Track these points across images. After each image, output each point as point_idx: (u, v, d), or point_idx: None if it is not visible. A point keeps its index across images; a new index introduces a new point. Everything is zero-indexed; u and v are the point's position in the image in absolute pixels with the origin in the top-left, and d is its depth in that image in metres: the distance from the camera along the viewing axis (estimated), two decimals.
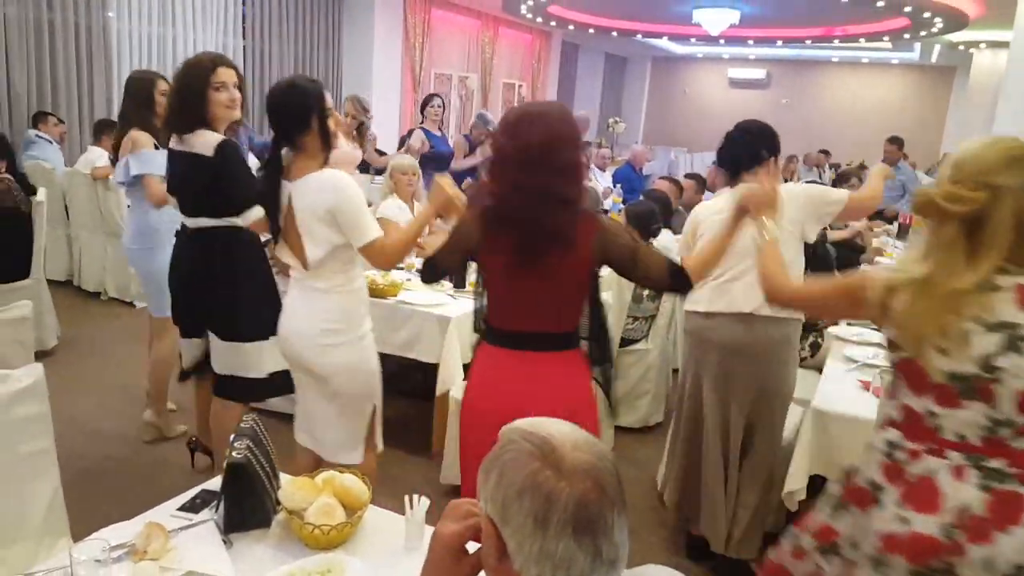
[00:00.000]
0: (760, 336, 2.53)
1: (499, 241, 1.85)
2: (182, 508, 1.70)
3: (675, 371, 3.90)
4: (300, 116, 2.21)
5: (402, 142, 6.32)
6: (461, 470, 2.11)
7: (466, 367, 3.20)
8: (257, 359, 2.72)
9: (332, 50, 9.06)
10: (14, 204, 3.83)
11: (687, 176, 6.02)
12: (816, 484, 2.39)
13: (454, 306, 3.40)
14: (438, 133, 5.93)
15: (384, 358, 2.81)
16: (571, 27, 11.52)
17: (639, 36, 12.37)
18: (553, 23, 11.20)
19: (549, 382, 1.90)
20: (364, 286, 2.38)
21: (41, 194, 4.28)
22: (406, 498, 1.56)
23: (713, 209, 2.65)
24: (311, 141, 2.24)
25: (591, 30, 11.52)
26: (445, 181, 2.27)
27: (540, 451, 0.90)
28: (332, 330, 2.27)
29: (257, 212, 2.47)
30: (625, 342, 3.80)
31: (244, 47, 7.98)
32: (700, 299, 2.63)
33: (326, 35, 8.91)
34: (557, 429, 0.93)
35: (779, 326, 2.55)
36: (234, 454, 1.59)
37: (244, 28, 7.96)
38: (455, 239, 1.96)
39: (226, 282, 2.68)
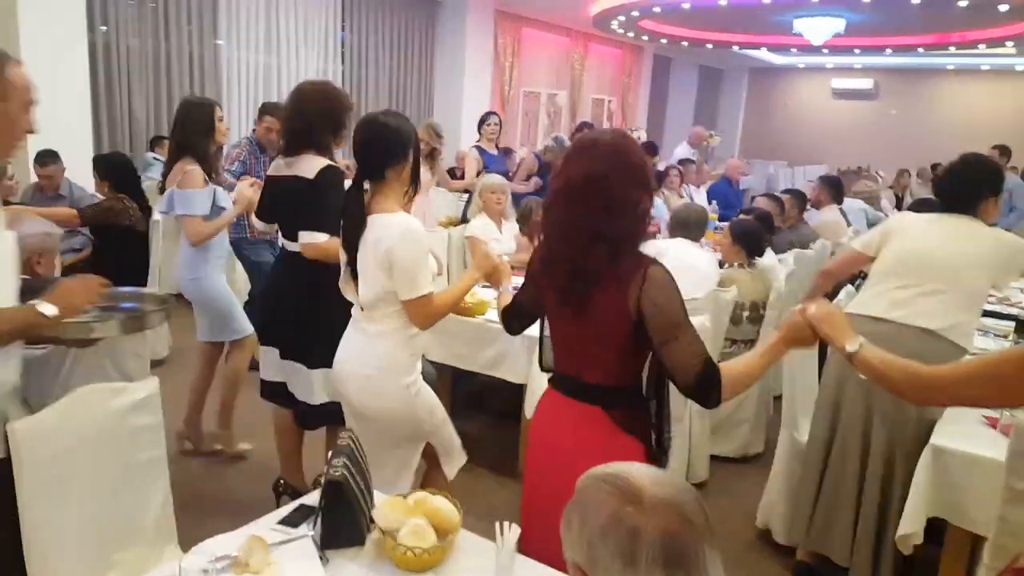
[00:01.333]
0: (935, 354, 2.29)
1: (547, 279, 1.77)
2: (282, 522, 1.75)
3: (777, 399, 3.75)
4: (393, 151, 2.17)
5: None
6: (522, 504, 1.91)
7: None
8: (313, 386, 2.72)
9: (425, 74, 9.29)
10: (130, 223, 4.09)
11: (785, 192, 5.81)
12: (934, 528, 2.25)
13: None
14: (494, 151, 5.91)
15: (471, 376, 2.85)
16: (663, 40, 11.38)
17: (736, 48, 12.09)
18: (645, 37, 11.10)
19: (596, 441, 1.70)
20: (419, 336, 2.27)
21: (155, 212, 4.56)
22: (496, 525, 1.55)
23: (918, 226, 2.62)
24: (398, 177, 2.20)
25: (684, 43, 11.35)
26: (488, 248, 2.27)
27: (618, 490, 0.89)
28: (377, 375, 2.23)
29: (315, 237, 2.53)
30: None
31: (343, 72, 8.28)
32: (871, 304, 2.56)
33: (419, 59, 9.14)
34: (635, 468, 0.93)
35: (955, 351, 2.43)
36: (332, 471, 1.63)
37: (343, 54, 8.26)
38: (526, 279, 1.91)
39: (307, 306, 2.69)
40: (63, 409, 1.72)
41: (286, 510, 1.80)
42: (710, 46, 11.56)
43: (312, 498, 1.81)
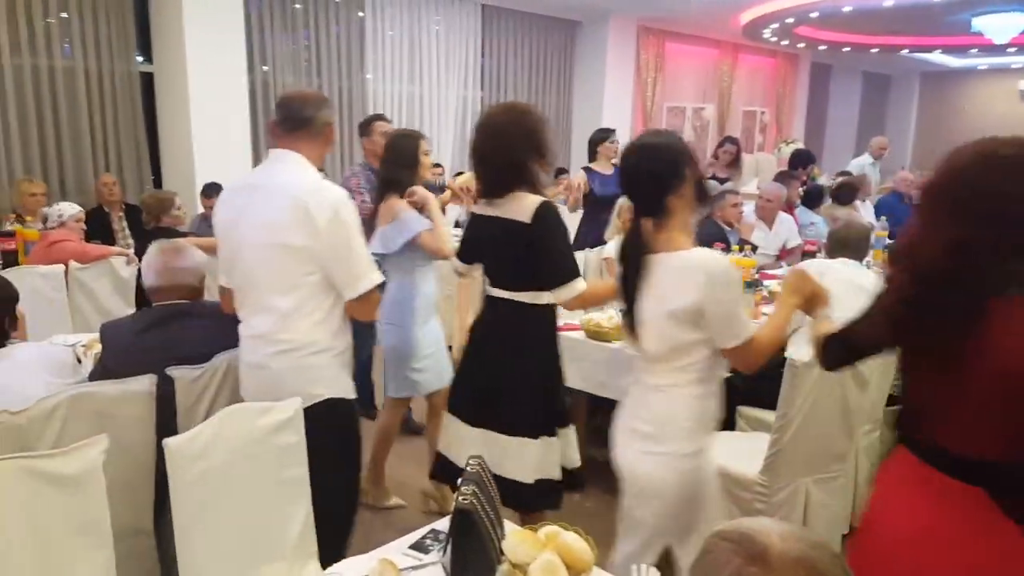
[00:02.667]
0: None
1: (912, 313, 1.44)
2: (413, 547, 1.75)
3: None
4: (669, 177, 1.83)
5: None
6: None
7: None
8: (520, 459, 2.34)
9: (563, 95, 9.32)
10: None
11: None
12: None
13: None
14: (609, 171, 5.05)
15: (611, 404, 2.68)
16: (822, 47, 10.76)
17: (905, 51, 11.21)
18: (801, 44, 10.54)
19: (966, 532, 1.36)
20: (710, 399, 1.91)
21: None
22: (633, 568, 1.45)
23: None
24: (683, 203, 1.86)
25: (846, 48, 10.66)
26: (807, 270, 1.91)
27: (741, 547, 0.81)
28: (647, 434, 1.89)
29: (579, 286, 2.23)
30: (893, 399, 3.33)
31: (481, 98, 8.48)
32: None
33: (558, 80, 9.19)
34: (761, 524, 0.84)
35: None
36: (460, 499, 1.60)
37: (482, 80, 8.46)
38: (873, 308, 1.56)
39: (508, 363, 2.35)
40: (213, 427, 1.80)
41: (417, 535, 1.80)
42: (875, 50, 10.77)
43: (443, 524, 1.79)
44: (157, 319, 2.29)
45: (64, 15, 5.52)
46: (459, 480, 1.68)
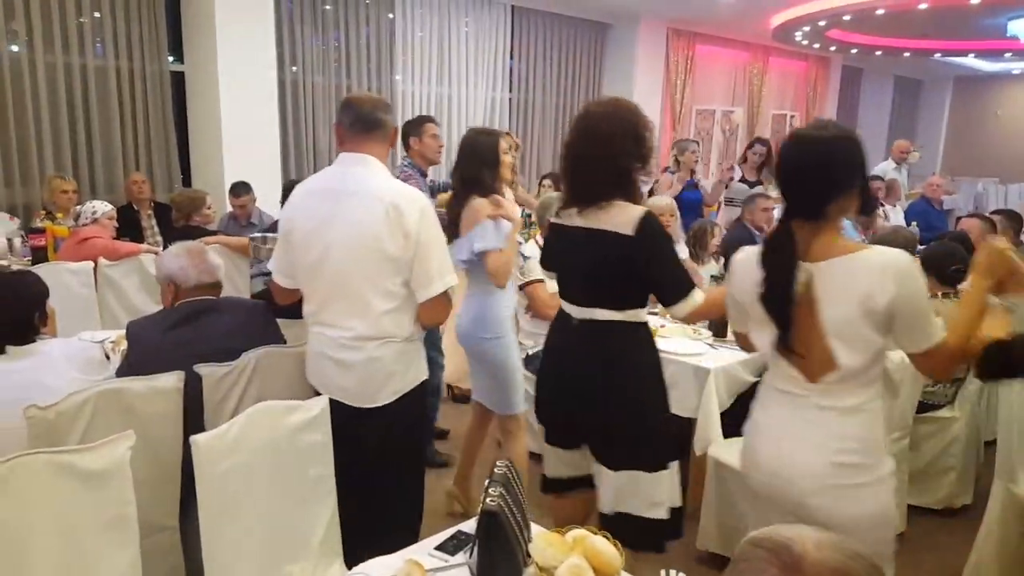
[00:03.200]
0: None
1: None
2: (439, 548, 1.73)
3: (989, 443, 3.28)
4: (842, 179, 1.68)
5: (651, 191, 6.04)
6: None
7: (724, 422, 2.99)
8: (658, 494, 2.12)
9: (592, 97, 9.28)
10: None
11: (996, 212, 5.13)
12: None
13: (714, 356, 3.16)
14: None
15: None
16: (853, 51, 10.61)
17: (937, 55, 11.01)
18: (833, 48, 10.40)
19: None
20: (882, 407, 1.73)
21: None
22: (662, 573, 1.41)
23: None
24: (842, 209, 1.70)
25: (878, 52, 10.50)
26: (1001, 245, 1.69)
27: (776, 556, 0.79)
28: (851, 465, 1.66)
29: (697, 299, 2.05)
30: (924, 407, 3.27)
31: (510, 99, 8.47)
32: None
33: (586, 80, 9.16)
34: (798, 532, 0.81)
35: None
36: (487, 500, 1.57)
37: (511, 80, 8.45)
38: None
39: (627, 395, 2.11)
40: (241, 425, 1.80)
41: (443, 536, 1.78)
42: (907, 54, 10.59)
43: (469, 525, 1.77)
44: (184, 316, 2.29)
45: (97, 15, 5.59)
46: (486, 481, 1.66)
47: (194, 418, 2.14)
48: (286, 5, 6.40)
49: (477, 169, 2.84)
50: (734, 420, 2.48)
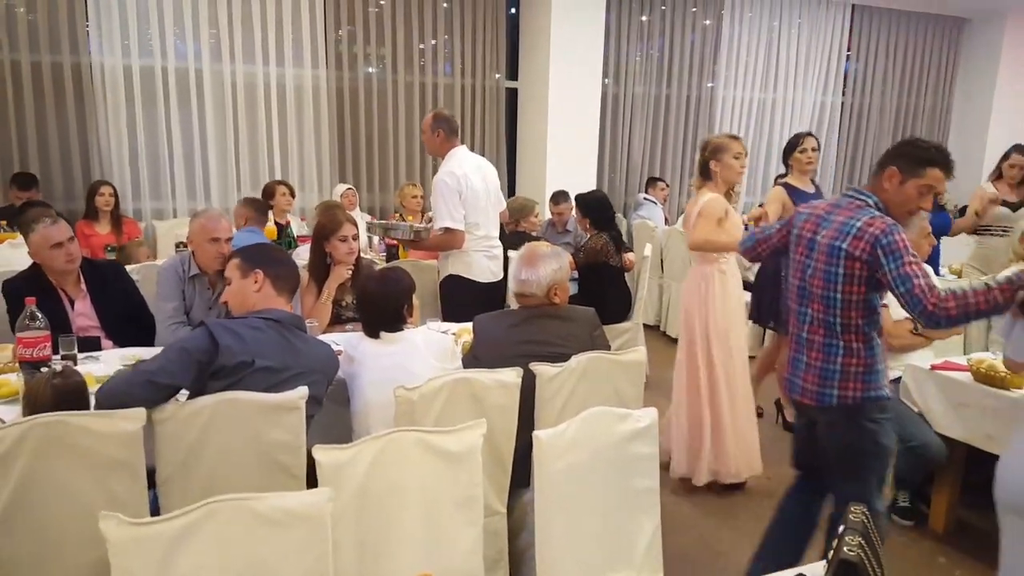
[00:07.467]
0: None
1: None
2: None
3: None
4: None
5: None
6: None
7: None
8: None
9: (942, 97, 8.21)
10: (605, 259, 4.40)
11: None
12: None
13: None
14: (809, 188, 3.98)
15: (991, 460, 2.24)
16: None
17: None
18: None
19: None
20: None
21: (646, 249, 4.83)
22: None
23: None
24: None
25: None
26: None
27: None
28: None
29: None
30: None
31: (842, 103, 7.83)
32: None
33: (936, 80, 8.13)
34: None
35: None
36: (846, 550, 1.42)
37: (845, 82, 7.82)
38: None
39: None
40: (579, 426, 1.85)
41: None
42: None
43: (813, 570, 1.62)
44: (524, 317, 2.44)
45: (446, 37, 6.29)
46: (841, 528, 1.50)
47: (527, 412, 2.26)
48: (614, 17, 6.62)
49: None
50: None
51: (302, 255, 3.81)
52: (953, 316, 1.95)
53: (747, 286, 3.98)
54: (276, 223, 4.94)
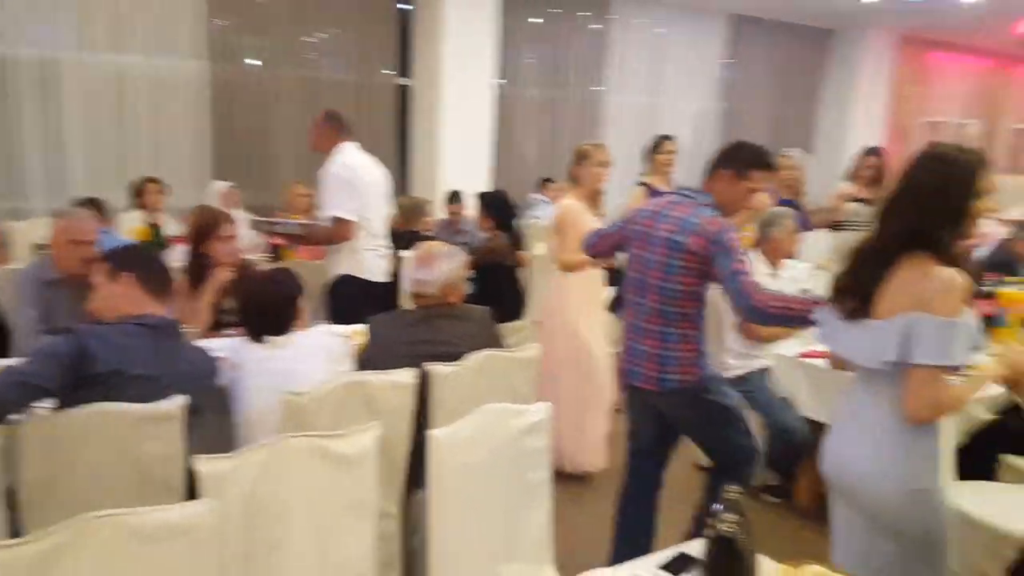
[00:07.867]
0: None
1: None
2: (664, 567, 1.68)
3: None
4: None
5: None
6: None
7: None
8: None
9: (809, 104, 8.80)
10: (502, 259, 4.46)
11: None
12: None
13: None
14: (669, 188, 4.05)
15: None
16: None
17: None
18: None
19: None
20: None
21: (539, 248, 4.92)
22: None
23: None
24: None
25: None
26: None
27: None
28: None
29: None
30: None
31: (723, 109, 8.22)
32: None
33: (803, 88, 8.68)
34: None
35: None
36: (724, 527, 1.50)
37: (724, 91, 8.22)
38: None
39: None
40: (475, 422, 1.86)
41: (668, 555, 1.72)
42: None
43: (693, 547, 1.70)
44: (421, 317, 2.43)
45: (336, 30, 6.16)
46: (720, 505, 1.58)
47: (419, 413, 2.25)
48: (509, 19, 6.66)
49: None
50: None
51: (175, 257, 3.61)
52: (772, 314, 2.19)
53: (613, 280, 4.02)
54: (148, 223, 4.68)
